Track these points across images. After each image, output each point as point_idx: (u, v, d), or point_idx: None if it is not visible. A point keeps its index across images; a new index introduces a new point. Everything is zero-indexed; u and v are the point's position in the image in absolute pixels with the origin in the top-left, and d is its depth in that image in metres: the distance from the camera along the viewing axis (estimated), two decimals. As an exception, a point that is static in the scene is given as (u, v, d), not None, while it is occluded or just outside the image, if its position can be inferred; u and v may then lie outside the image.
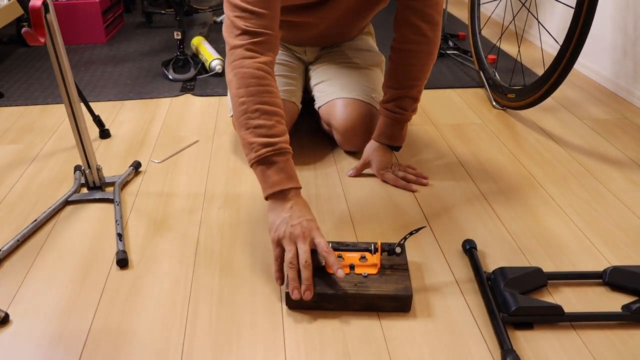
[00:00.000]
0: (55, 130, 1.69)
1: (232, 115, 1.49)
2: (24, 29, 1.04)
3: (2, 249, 1.13)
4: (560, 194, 1.37)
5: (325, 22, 1.46)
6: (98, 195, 1.33)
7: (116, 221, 1.22)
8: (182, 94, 1.95)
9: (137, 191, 1.37)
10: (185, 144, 1.60)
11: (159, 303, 1.01)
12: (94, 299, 1.02)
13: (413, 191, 1.36)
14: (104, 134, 1.64)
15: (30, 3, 1.05)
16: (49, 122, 1.74)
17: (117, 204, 1.28)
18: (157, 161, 1.50)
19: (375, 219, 1.26)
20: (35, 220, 1.22)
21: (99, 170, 1.34)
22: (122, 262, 1.10)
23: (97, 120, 1.63)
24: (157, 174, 1.44)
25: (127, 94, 1.96)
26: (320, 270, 1.01)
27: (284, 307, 1.00)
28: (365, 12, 1.48)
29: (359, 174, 1.43)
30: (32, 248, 1.16)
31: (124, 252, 1.12)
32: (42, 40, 1.08)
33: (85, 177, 1.34)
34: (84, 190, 1.36)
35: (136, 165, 1.44)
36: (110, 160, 1.51)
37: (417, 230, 1.02)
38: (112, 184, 1.37)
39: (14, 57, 2.38)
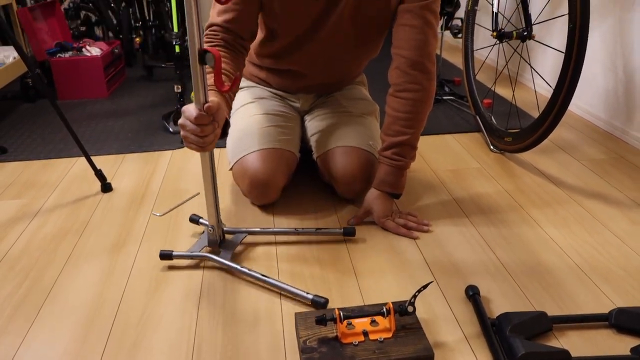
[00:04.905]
0: (57, 185, 1.70)
1: (231, 169, 1.51)
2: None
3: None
4: (561, 236, 1.37)
5: (313, 69, 1.50)
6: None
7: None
8: (183, 147, 1.97)
9: (139, 244, 1.37)
10: (186, 196, 1.61)
11: (163, 354, 1.00)
12: (98, 349, 1.01)
13: (414, 238, 1.37)
14: (106, 187, 1.65)
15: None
16: (51, 176, 1.76)
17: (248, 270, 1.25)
18: (158, 214, 1.51)
19: (377, 268, 1.25)
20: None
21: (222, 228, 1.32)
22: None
23: (99, 174, 1.64)
24: (159, 227, 1.45)
25: (129, 147, 1.98)
26: (335, 342, 0.98)
27: (287, 354, 0.99)
28: (351, 58, 1.51)
29: (359, 222, 1.44)
30: (33, 303, 1.15)
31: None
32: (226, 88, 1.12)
33: (209, 236, 1.30)
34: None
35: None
36: (113, 214, 1.52)
37: (425, 287, 1.02)
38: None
39: (17, 112, 2.41)
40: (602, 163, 1.79)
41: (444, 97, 2.42)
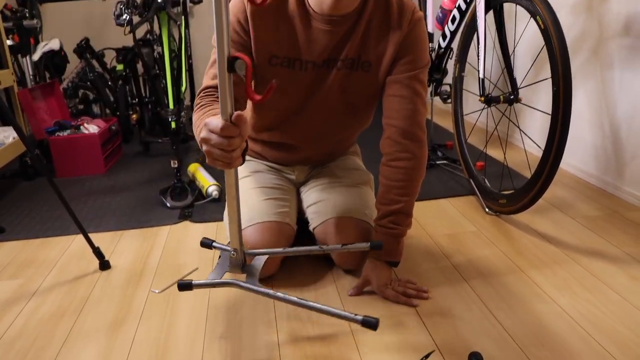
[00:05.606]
0: (55, 263, 1.70)
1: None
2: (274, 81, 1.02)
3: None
4: (562, 297, 1.36)
5: (306, 141, 1.54)
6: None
7: None
8: (181, 221, 1.98)
9: (138, 322, 1.36)
10: (184, 272, 1.61)
11: None
12: None
13: (414, 306, 1.36)
14: (104, 265, 1.65)
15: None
16: (49, 255, 1.76)
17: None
18: (157, 291, 1.50)
19: (378, 338, 1.24)
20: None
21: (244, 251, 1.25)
22: None
23: (97, 252, 1.64)
24: (158, 303, 1.44)
25: (127, 223, 1.99)
26: None
27: None
28: (342, 129, 1.55)
29: (359, 292, 1.43)
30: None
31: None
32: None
33: (230, 259, 1.23)
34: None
35: None
36: (111, 292, 1.51)
37: (427, 357, 1.01)
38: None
39: (16, 190, 2.43)
40: (597, 220, 1.80)
41: (437, 162, 2.45)
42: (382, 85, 1.41)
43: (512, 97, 1.80)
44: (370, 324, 1.00)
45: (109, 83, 3.29)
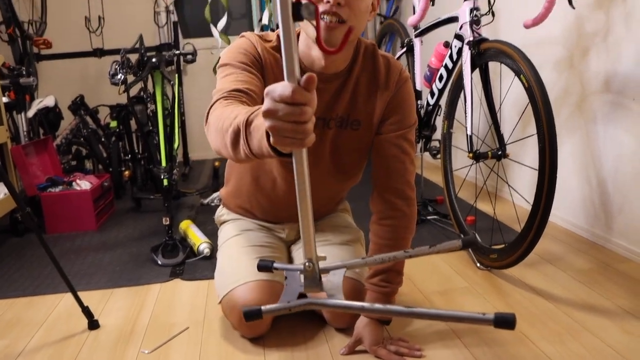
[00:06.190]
0: (42, 323, 1.67)
1: (220, 302, 1.50)
2: None
3: None
4: (556, 352, 1.35)
5: (295, 198, 1.54)
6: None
7: None
8: (172, 279, 1.96)
9: (126, 385, 1.33)
10: (175, 331, 1.58)
11: None
12: None
13: (407, 364, 1.35)
14: (93, 324, 1.62)
15: None
16: (36, 315, 1.73)
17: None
18: (147, 351, 1.48)
19: (372, 398, 1.22)
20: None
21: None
22: None
23: (86, 311, 1.62)
24: (147, 364, 1.42)
25: (117, 281, 1.97)
26: None
27: None
28: (332, 186, 1.55)
29: (351, 351, 1.41)
30: None
31: None
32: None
33: (305, 272, 0.96)
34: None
35: None
36: (100, 353, 1.48)
37: None
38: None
39: (5, 246, 2.42)
40: (588, 272, 1.80)
41: (428, 217, 2.46)
42: (371, 144, 1.44)
43: (499, 152, 1.83)
44: (506, 321, 0.79)
45: (102, 139, 3.32)
